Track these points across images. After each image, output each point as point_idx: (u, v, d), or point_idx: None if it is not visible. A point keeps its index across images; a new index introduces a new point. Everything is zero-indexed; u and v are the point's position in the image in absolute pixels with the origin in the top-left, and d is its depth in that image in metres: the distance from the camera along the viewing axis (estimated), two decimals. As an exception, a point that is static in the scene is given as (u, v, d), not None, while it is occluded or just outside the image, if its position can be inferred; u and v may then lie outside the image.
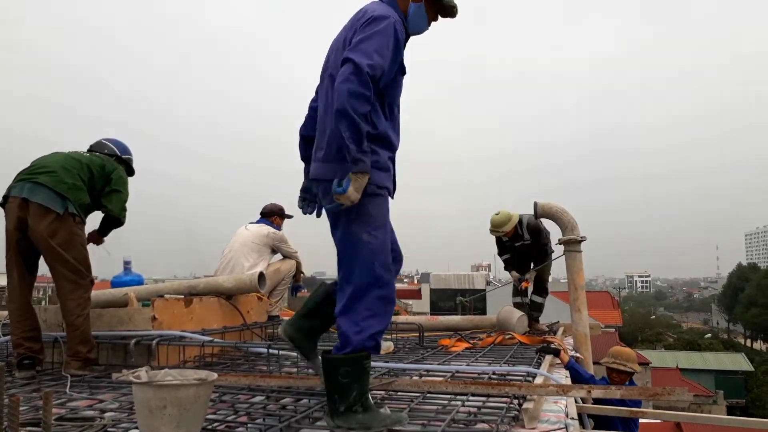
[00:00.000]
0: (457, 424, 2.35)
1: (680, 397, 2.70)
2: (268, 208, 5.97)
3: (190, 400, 1.94)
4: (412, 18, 2.49)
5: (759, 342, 69.69)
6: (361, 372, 2.25)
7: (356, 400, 2.21)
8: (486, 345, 5.05)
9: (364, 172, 2.21)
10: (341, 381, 2.22)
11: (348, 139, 2.17)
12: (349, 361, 2.23)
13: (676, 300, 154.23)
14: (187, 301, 4.28)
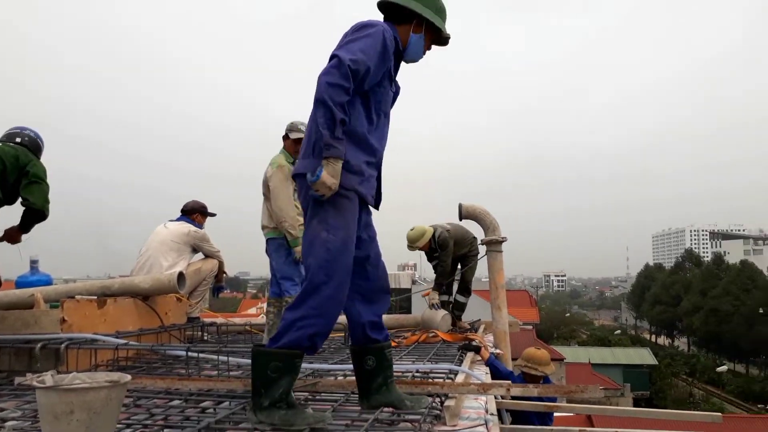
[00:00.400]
0: (381, 424, 2.36)
1: (592, 394, 2.84)
2: (189, 205, 5.77)
3: (100, 404, 1.84)
4: (411, 47, 2.58)
5: (663, 337, 74.45)
6: (291, 369, 2.24)
7: (282, 396, 2.20)
8: (410, 343, 5.11)
9: (337, 157, 2.24)
10: (270, 375, 2.19)
11: (322, 125, 2.22)
12: (282, 356, 2.21)
13: (589, 298, 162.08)
14: (100, 302, 4.07)
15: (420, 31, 2.56)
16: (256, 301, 42.54)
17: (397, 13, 2.56)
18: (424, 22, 2.55)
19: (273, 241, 4.64)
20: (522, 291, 47.06)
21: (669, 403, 36.62)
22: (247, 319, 7.23)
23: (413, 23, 2.54)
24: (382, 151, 2.57)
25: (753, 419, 23.36)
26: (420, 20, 2.54)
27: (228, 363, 3.39)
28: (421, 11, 2.52)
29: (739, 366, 52.22)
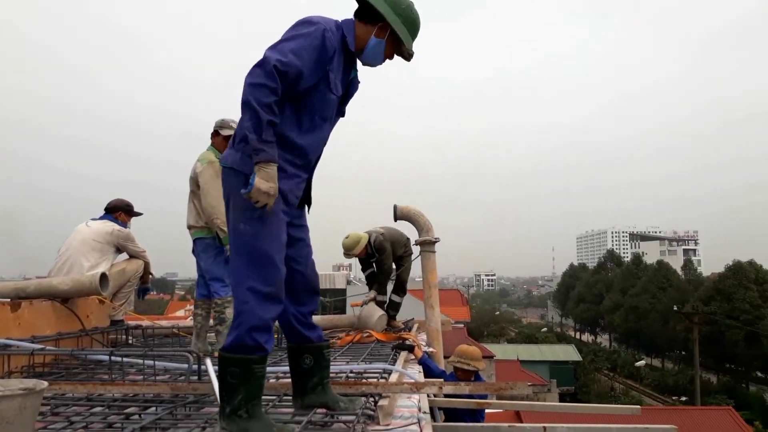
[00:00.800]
0: (314, 426, 2.33)
1: (520, 391, 2.94)
2: (113, 203, 5.52)
3: (13, 413, 1.73)
4: (368, 50, 2.48)
5: (586, 334, 77.73)
6: (249, 375, 2.17)
7: (241, 404, 2.14)
8: (344, 344, 5.09)
9: (268, 160, 2.17)
10: (229, 381, 2.16)
11: (249, 129, 2.16)
12: (238, 361, 2.16)
13: (517, 297, 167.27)
14: (14, 305, 3.83)
15: (382, 36, 2.46)
16: (184, 303, 41.32)
17: (368, 11, 2.45)
18: (389, 29, 2.44)
19: (201, 241, 4.48)
20: (454, 290, 47.93)
21: (592, 397, 38.31)
22: (174, 321, 7.00)
23: (377, 26, 2.45)
24: (314, 155, 2.49)
25: (668, 411, 24.78)
26: (385, 25, 2.44)
27: (154, 367, 3.27)
28: (387, 16, 2.42)
29: (656, 360, 55.22)
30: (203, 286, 4.54)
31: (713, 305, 39.92)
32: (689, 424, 18.25)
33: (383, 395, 2.71)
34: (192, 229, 4.52)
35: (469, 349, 4.95)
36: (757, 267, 42.47)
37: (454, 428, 3.76)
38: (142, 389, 2.83)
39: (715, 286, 43.64)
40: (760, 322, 36.71)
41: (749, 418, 26.80)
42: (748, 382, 42.42)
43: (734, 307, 39.81)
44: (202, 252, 4.46)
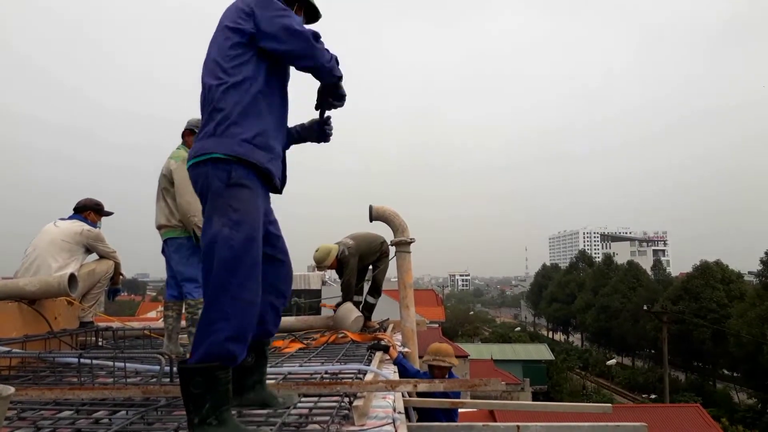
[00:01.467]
0: (288, 427, 2.31)
1: (494, 387, 2.94)
2: (82, 202, 5.40)
3: (-23, 421, 1.67)
4: None
5: (559, 333, 78.74)
6: (214, 383, 2.09)
7: (210, 412, 2.06)
8: (319, 345, 5.06)
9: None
10: (193, 392, 2.07)
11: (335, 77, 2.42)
12: (201, 371, 2.07)
13: (491, 297, 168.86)
14: (-21, 307, 3.72)
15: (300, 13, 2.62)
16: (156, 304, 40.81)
17: None
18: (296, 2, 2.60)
19: (173, 241, 4.39)
20: (429, 290, 48.21)
21: (564, 395, 38.82)
22: (146, 323, 6.90)
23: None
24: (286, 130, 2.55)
25: (638, 408, 25.20)
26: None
27: (125, 369, 3.21)
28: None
29: (627, 359, 56.16)
30: (173, 287, 4.46)
31: (681, 304, 40.76)
32: (659, 421, 18.59)
33: (358, 395, 2.70)
34: (163, 229, 4.42)
35: (442, 346, 4.97)
36: (723, 267, 43.48)
37: (429, 428, 3.77)
38: (112, 393, 2.77)
39: (683, 285, 44.55)
40: (726, 321, 37.57)
41: (716, 414, 27.42)
42: (715, 380, 43.44)
43: (701, 306, 40.71)
44: (174, 252, 4.38)
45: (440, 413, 4.44)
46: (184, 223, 4.32)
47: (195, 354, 2.11)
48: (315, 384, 2.88)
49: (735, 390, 40.41)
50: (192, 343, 2.15)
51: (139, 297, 76.15)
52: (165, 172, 4.43)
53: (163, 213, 4.41)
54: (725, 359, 39.67)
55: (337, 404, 2.59)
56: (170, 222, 4.37)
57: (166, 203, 4.40)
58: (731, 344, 36.13)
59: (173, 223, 4.36)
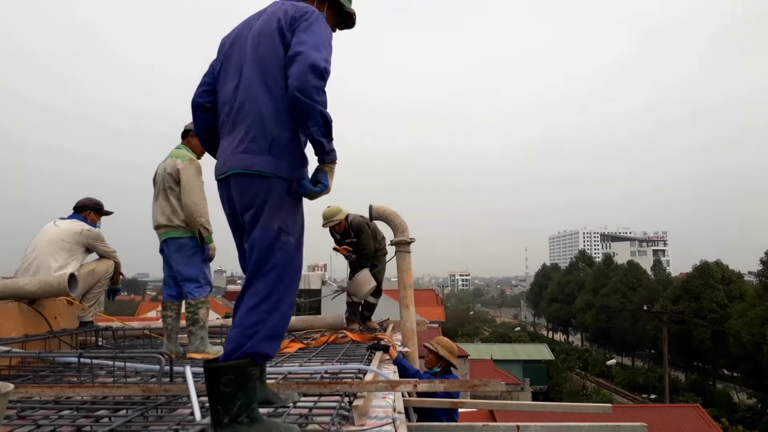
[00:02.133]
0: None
1: (494, 388, 2.95)
2: (81, 202, 5.39)
3: (-23, 419, 1.67)
4: None
5: (559, 333, 78.73)
6: (246, 380, 2.10)
7: (241, 410, 2.06)
8: (319, 344, 5.07)
9: (335, 161, 2.33)
10: (223, 390, 2.06)
11: (320, 133, 2.24)
12: (233, 368, 2.09)
13: (491, 297, 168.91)
14: (-21, 306, 3.73)
15: (323, 9, 2.59)
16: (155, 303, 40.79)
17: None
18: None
19: (174, 241, 4.34)
20: (429, 290, 48.23)
21: (564, 395, 38.81)
22: (145, 322, 6.90)
23: (316, 1, 2.59)
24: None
25: (638, 408, 25.21)
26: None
27: (125, 369, 3.21)
28: None
29: (627, 359, 56.15)
30: (172, 287, 4.43)
31: (681, 305, 40.72)
32: (659, 421, 18.60)
33: (358, 395, 2.70)
34: (163, 229, 4.36)
35: (448, 341, 5.00)
36: (723, 267, 43.47)
37: (428, 428, 3.77)
38: (112, 391, 2.77)
39: (683, 285, 44.54)
40: (726, 321, 37.57)
41: (716, 414, 27.42)
42: (715, 380, 43.43)
43: (701, 306, 40.70)
44: (175, 252, 4.34)
45: (441, 413, 4.44)
46: (190, 223, 4.29)
47: (229, 352, 2.14)
48: (315, 384, 2.88)
49: (735, 390, 40.40)
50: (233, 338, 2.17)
51: (138, 297, 76.15)
52: (171, 171, 4.35)
53: (164, 213, 4.35)
54: (725, 359, 39.67)
55: (337, 404, 2.59)
56: (172, 222, 4.32)
57: (169, 202, 4.34)
58: (731, 344, 36.13)
59: (175, 223, 4.32)
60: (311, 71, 2.17)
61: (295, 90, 2.17)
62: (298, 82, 2.17)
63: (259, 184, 2.27)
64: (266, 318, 2.18)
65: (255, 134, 2.29)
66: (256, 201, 2.27)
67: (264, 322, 2.17)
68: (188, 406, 2.51)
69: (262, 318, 2.17)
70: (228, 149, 2.36)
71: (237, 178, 2.31)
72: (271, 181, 2.27)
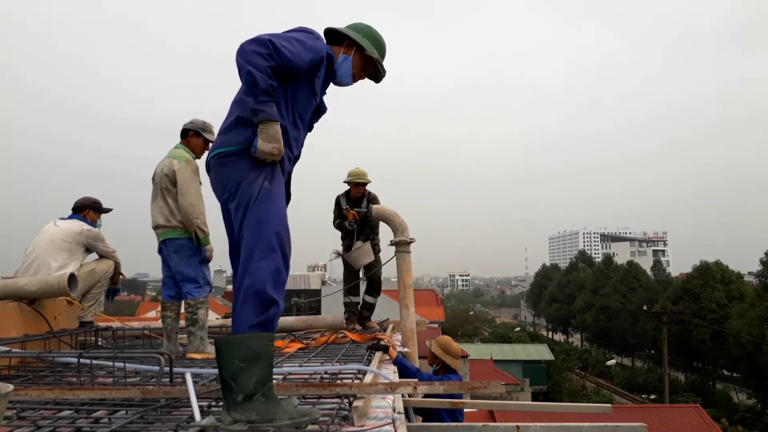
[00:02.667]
0: (287, 427, 2.30)
1: (494, 390, 2.94)
2: (80, 202, 5.39)
3: (-24, 420, 1.67)
4: (339, 65, 2.65)
5: (558, 333, 78.72)
6: (261, 354, 2.06)
7: (257, 387, 2.01)
8: (319, 345, 5.06)
9: (269, 119, 2.24)
10: (238, 365, 2.01)
11: (246, 92, 2.27)
12: (247, 340, 2.06)
13: (491, 297, 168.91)
14: (-21, 306, 3.72)
15: (349, 53, 2.67)
16: (155, 304, 40.81)
17: (334, 35, 2.71)
18: (354, 45, 2.67)
19: (173, 242, 4.34)
20: (429, 290, 48.23)
21: (564, 396, 38.80)
22: (145, 323, 6.89)
23: (344, 45, 2.68)
24: (297, 153, 2.60)
25: (638, 409, 25.22)
26: (351, 42, 2.67)
27: (125, 369, 3.21)
28: (349, 33, 2.67)
29: (626, 359, 56.14)
30: (171, 287, 4.43)
31: (681, 305, 40.72)
32: (658, 421, 18.60)
33: (358, 396, 2.70)
34: (162, 229, 4.36)
35: (453, 344, 5.00)
36: (723, 267, 43.46)
37: (428, 428, 3.77)
38: (111, 393, 2.77)
39: (683, 286, 44.54)
40: (726, 322, 37.56)
41: (716, 415, 27.43)
42: (715, 380, 43.43)
43: (701, 306, 40.70)
44: (173, 253, 4.34)
45: (444, 413, 4.42)
46: (187, 224, 4.29)
47: (246, 317, 2.12)
48: (315, 384, 2.88)
49: (734, 390, 40.40)
50: (237, 309, 2.16)
51: (138, 297, 76.15)
52: (167, 172, 4.36)
53: (162, 213, 4.35)
54: (725, 360, 39.67)
55: (337, 405, 2.59)
56: (170, 222, 4.33)
57: (166, 203, 4.35)
58: (731, 345, 36.12)
59: (173, 224, 4.32)
60: (250, 39, 2.29)
61: (237, 53, 2.29)
62: (239, 47, 2.29)
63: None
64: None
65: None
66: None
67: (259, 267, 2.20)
68: (188, 407, 2.50)
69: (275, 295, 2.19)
70: None
71: None
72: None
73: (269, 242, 2.23)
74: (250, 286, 2.16)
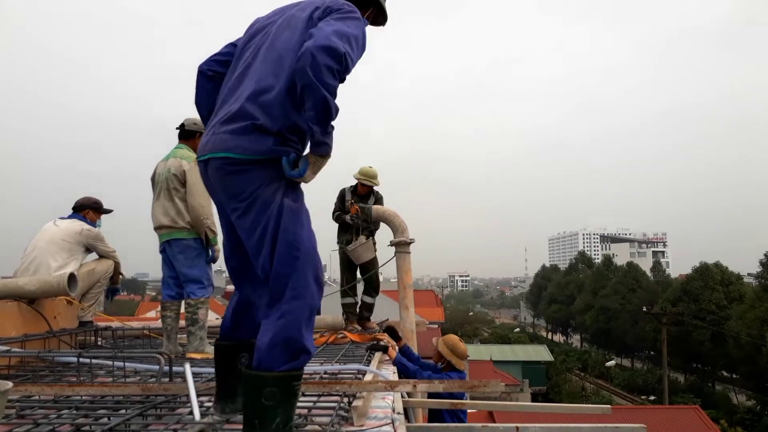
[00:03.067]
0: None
1: (494, 389, 2.95)
2: (80, 201, 5.39)
3: (-24, 419, 1.67)
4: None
5: (558, 334, 78.71)
6: (292, 395, 1.96)
7: (279, 427, 1.90)
8: (319, 345, 5.06)
9: (326, 156, 2.07)
10: (264, 404, 1.90)
11: (313, 119, 1.97)
12: (280, 380, 1.92)
13: (491, 298, 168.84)
14: (-22, 305, 3.73)
15: (368, 17, 2.47)
16: (155, 303, 40.73)
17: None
18: (376, 7, 2.49)
19: (179, 242, 4.30)
20: (428, 291, 48.13)
21: (564, 397, 38.78)
22: (145, 322, 6.89)
23: (369, 11, 2.48)
24: None
25: (637, 410, 25.23)
26: (376, 6, 2.48)
27: (124, 368, 3.21)
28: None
29: (626, 360, 56.12)
30: (171, 287, 4.42)
31: (681, 306, 40.73)
32: (658, 423, 18.59)
33: (357, 396, 2.70)
34: (166, 230, 4.33)
35: (452, 339, 4.96)
36: (722, 269, 43.43)
37: (428, 428, 3.77)
38: (111, 390, 2.77)
39: (682, 287, 44.50)
40: (725, 323, 37.55)
41: (715, 416, 27.43)
42: (714, 382, 43.41)
43: (701, 307, 40.67)
44: (179, 253, 4.30)
45: (446, 414, 4.41)
46: (196, 225, 4.27)
47: (274, 360, 1.94)
48: (314, 384, 2.88)
49: (734, 392, 40.39)
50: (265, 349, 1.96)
51: (138, 296, 76.08)
52: (176, 172, 4.33)
53: (168, 214, 4.31)
54: (724, 361, 39.63)
55: (337, 404, 2.59)
56: (176, 223, 4.29)
57: (173, 203, 4.31)
58: (730, 346, 36.12)
59: (180, 225, 4.29)
60: (326, 50, 1.94)
61: (305, 64, 1.93)
62: (309, 57, 1.93)
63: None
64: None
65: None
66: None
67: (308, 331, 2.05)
68: (187, 405, 2.51)
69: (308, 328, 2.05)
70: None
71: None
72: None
73: (304, 275, 2.04)
74: (281, 330, 1.97)
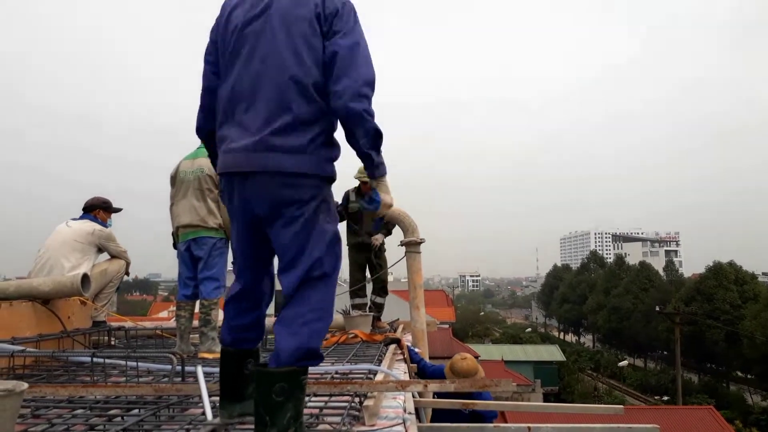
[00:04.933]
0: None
1: (505, 388, 2.93)
2: (89, 202, 5.43)
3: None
4: None
5: (570, 334, 78.31)
6: (298, 389, 2.00)
7: (290, 423, 1.96)
8: (330, 345, 5.07)
9: (385, 174, 2.18)
10: (274, 400, 1.94)
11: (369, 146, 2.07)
12: (288, 375, 1.97)
13: (502, 297, 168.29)
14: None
15: None
16: (167, 303, 41.08)
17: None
18: None
19: (206, 240, 4.34)
20: (439, 291, 48.17)
21: (576, 397, 38.58)
22: (157, 322, 6.94)
23: None
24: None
25: (650, 410, 25.04)
26: None
27: (137, 368, 3.23)
28: None
29: (639, 360, 55.76)
30: (186, 287, 4.45)
31: (694, 306, 40.40)
32: (671, 423, 18.46)
33: (369, 395, 2.70)
34: (193, 228, 4.36)
35: (461, 365, 4.39)
36: (736, 268, 43.04)
37: (439, 428, 3.76)
38: (124, 391, 2.79)
39: (696, 286, 44.17)
40: (739, 323, 37.22)
41: (729, 417, 27.20)
42: (729, 382, 43.01)
43: (715, 307, 40.33)
44: (204, 252, 4.34)
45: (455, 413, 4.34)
46: (227, 227, 4.34)
47: (281, 357, 2.00)
48: (325, 383, 2.89)
49: (749, 392, 40.00)
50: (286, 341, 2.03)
51: (150, 297, 76.67)
52: (210, 173, 4.37)
53: (198, 213, 4.36)
54: (739, 361, 39.28)
55: (348, 404, 2.59)
56: (206, 223, 4.34)
57: (205, 203, 4.37)
58: (745, 346, 35.79)
59: (210, 224, 4.35)
60: (366, 83, 2.05)
61: (349, 101, 2.01)
62: (353, 94, 2.02)
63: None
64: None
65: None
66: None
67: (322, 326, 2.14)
68: (200, 405, 2.52)
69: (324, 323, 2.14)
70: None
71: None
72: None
73: (328, 305, 2.14)
74: (305, 341, 2.03)
